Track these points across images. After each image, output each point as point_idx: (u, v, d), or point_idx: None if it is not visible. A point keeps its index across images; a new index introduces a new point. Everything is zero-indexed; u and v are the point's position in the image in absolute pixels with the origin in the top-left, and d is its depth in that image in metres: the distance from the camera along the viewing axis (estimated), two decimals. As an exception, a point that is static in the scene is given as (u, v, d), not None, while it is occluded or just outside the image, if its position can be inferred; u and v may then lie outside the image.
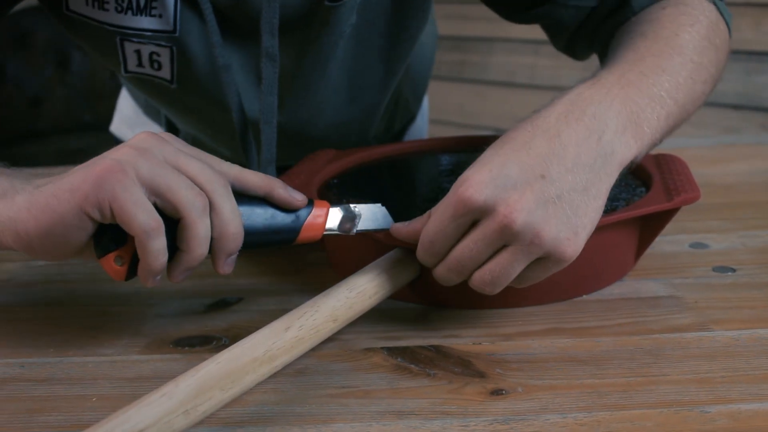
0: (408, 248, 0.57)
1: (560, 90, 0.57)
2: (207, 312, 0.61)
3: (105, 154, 0.51)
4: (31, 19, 2.81)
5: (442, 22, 2.40)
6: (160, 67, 0.77)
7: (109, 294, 0.66)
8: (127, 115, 1.11)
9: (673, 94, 0.61)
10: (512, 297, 0.58)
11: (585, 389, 0.47)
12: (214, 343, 0.56)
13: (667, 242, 0.71)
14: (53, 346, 0.57)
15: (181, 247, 0.50)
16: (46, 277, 0.71)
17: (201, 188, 0.50)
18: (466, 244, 0.51)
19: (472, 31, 2.33)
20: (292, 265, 0.69)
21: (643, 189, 0.67)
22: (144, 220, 0.48)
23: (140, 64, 0.77)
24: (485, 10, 0.91)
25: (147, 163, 0.49)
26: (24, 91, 2.78)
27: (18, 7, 0.77)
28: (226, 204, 0.51)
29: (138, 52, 0.75)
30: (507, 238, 0.49)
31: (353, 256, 0.61)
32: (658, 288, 0.61)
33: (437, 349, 0.53)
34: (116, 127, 1.14)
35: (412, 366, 0.51)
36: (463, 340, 0.54)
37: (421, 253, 0.54)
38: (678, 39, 0.67)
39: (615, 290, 0.62)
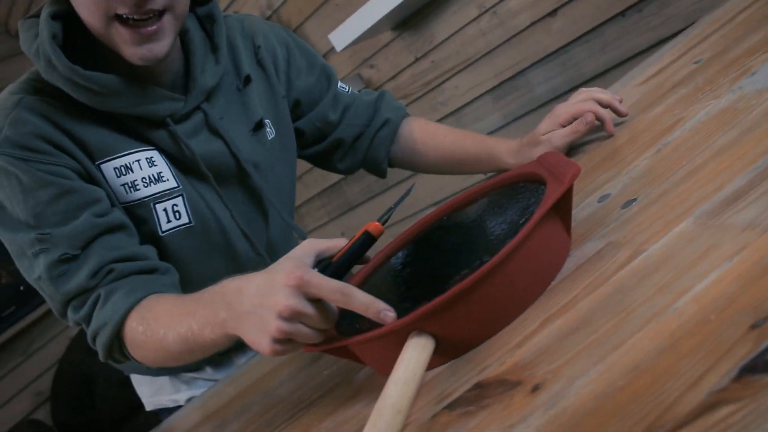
0: (420, 328, 0.57)
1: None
2: None
3: None
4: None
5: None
6: (180, 216, 0.90)
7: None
8: (148, 391, 1.14)
9: None
10: (505, 313, 0.58)
11: (587, 348, 0.46)
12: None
13: (582, 209, 0.71)
14: None
15: None
16: None
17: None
18: None
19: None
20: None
21: (543, 187, 0.68)
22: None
23: (169, 220, 0.89)
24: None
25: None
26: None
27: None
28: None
29: (165, 210, 0.88)
30: None
31: (387, 354, 0.60)
32: (595, 244, 0.61)
33: (479, 385, 0.52)
34: (149, 403, 1.16)
35: (471, 408, 0.50)
36: (491, 368, 0.53)
37: None
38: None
39: (570, 265, 0.61)
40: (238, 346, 1.10)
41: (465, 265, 0.61)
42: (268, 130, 1.00)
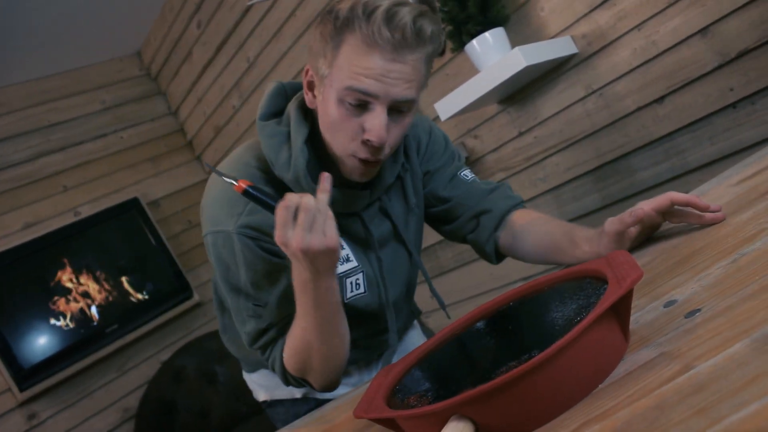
0: (460, 413, 0.58)
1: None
2: None
3: None
4: (181, 356, 3.00)
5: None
6: (359, 287, 1.12)
7: None
8: (266, 383, 1.34)
9: None
10: (545, 411, 0.57)
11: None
12: None
13: (647, 312, 0.70)
14: None
15: None
16: None
17: None
18: None
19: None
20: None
21: (606, 286, 0.67)
22: None
23: (352, 290, 1.11)
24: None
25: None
26: (193, 407, 2.82)
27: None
28: None
29: (351, 283, 1.11)
30: None
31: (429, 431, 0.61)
32: (650, 352, 0.60)
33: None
34: (266, 395, 1.36)
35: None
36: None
37: None
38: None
39: (621, 369, 0.60)
40: (355, 360, 1.26)
41: (515, 356, 0.62)
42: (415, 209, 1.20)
